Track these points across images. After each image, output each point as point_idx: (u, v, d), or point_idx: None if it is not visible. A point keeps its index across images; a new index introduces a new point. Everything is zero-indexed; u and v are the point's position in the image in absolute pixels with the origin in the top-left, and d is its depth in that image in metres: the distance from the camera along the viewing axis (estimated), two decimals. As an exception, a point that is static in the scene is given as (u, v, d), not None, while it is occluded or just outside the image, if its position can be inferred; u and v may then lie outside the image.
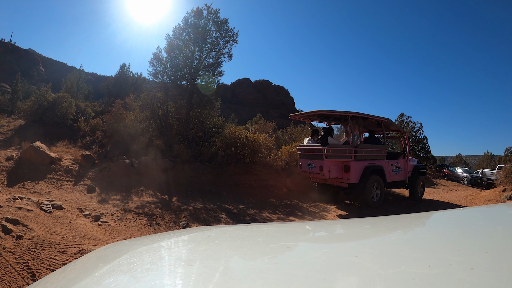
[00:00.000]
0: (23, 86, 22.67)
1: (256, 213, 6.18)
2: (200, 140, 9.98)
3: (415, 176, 8.38)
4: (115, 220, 4.90)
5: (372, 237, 0.96)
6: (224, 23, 10.07)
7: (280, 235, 0.95)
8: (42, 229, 3.79)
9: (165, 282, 0.56)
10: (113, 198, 5.98)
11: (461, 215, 1.21)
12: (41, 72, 51.03)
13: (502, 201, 9.69)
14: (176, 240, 0.85)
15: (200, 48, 10.00)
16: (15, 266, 2.96)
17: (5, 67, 40.57)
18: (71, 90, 18.48)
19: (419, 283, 0.49)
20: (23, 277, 2.85)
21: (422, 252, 0.69)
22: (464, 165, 36.75)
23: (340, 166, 6.77)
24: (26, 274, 2.90)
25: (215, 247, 0.79)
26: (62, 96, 13.62)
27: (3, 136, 11.18)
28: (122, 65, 19.49)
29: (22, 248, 3.24)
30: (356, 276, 0.56)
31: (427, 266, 0.57)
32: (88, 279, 0.60)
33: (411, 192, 8.54)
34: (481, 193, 11.83)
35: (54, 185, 6.32)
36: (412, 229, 1.04)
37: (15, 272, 2.89)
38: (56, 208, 4.73)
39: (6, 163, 6.88)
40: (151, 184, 7.02)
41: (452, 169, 21.27)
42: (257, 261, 0.68)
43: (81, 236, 3.86)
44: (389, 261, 0.63)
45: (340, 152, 6.68)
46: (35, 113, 12.75)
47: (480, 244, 0.74)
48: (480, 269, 0.55)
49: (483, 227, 0.98)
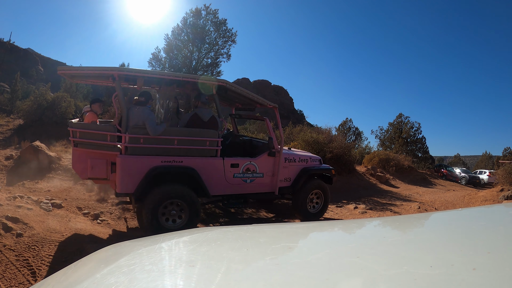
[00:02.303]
0: (22, 85, 22.69)
1: (254, 212, 6.25)
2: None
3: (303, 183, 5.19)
4: (114, 219, 4.96)
5: (374, 237, 0.96)
6: (222, 23, 10.14)
7: (282, 236, 0.95)
8: (42, 227, 3.85)
9: (166, 283, 0.56)
10: (111, 197, 6.03)
11: (463, 215, 1.20)
12: (40, 71, 50.99)
13: (500, 201, 9.77)
14: (177, 241, 0.85)
15: (199, 48, 10.08)
16: (16, 263, 3.02)
17: (4, 67, 40.56)
18: (70, 89, 18.54)
19: (421, 284, 0.49)
20: (24, 273, 2.91)
21: (424, 253, 0.68)
22: (463, 165, 36.93)
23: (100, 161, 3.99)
24: (26, 270, 2.96)
25: (216, 248, 0.79)
26: (61, 96, 13.69)
27: (3, 136, 11.23)
28: (121, 65, 19.56)
29: (22, 245, 3.30)
30: (358, 276, 0.56)
31: (429, 266, 0.56)
32: (89, 280, 0.60)
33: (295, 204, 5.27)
34: (478, 193, 11.89)
35: (53, 184, 6.38)
36: (413, 229, 1.04)
37: (15, 269, 2.95)
38: (56, 207, 4.79)
39: (5, 162, 6.93)
40: (150, 184, 7.08)
41: (451, 169, 21.36)
42: (259, 262, 0.68)
43: (81, 234, 3.93)
44: (391, 262, 0.63)
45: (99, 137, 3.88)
46: (34, 112, 12.81)
47: (482, 244, 0.73)
48: (483, 269, 0.54)
49: (485, 227, 0.97)
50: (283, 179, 5.04)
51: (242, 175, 4.60)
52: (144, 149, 3.94)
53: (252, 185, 4.73)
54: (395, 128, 25.46)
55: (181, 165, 4.08)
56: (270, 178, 4.89)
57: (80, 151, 3.99)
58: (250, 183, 4.70)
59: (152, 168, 3.89)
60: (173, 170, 4.05)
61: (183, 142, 4.09)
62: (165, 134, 3.98)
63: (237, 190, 4.61)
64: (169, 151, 4.05)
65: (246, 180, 4.66)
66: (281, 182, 4.98)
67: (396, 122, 25.80)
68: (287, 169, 5.07)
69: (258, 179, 4.76)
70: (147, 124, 3.84)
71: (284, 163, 5.00)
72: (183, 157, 4.10)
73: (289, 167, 5.10)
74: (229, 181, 4.47)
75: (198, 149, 4.19)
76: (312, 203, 5.40)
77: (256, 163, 4.71)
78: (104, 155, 3.99)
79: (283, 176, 5.02)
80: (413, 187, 13.14)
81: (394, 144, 24.14)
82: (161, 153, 4.01)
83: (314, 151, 10.40)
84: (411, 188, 12.46)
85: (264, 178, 4.82)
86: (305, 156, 5.43)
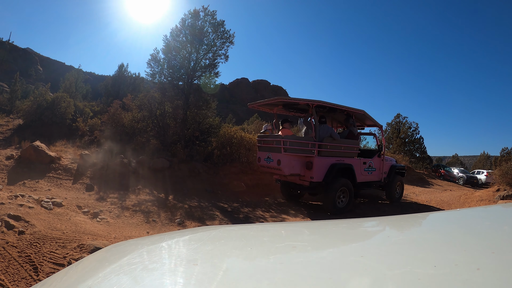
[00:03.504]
0: (22, 85, 22.74)
1: (250, 211, 6.37)
2: (197, 140, 10.15)
3: (392, 177, 7.88)
4: (113, 217, 5.07)
5: (378, 237, 0.96)
6: (220, 24, 10.24)
7: (286, 235, 0.95)
8: (43, 225, 3.96)
9: (169, 281, 0.55)
10: (111, 196, 6.15)
11: (467, 215, 1.20)
12: (39, 71, 50.99)
13: (495, 201, 9.87)
14: (179, 240, 0.85)
15: (197, 49, 10.17)
16: (18, 259, 3.13)
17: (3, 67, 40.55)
18: (70, 89, 18.61)
19: (425, 284, 0.49)
20: (26, 269, 3.03)
21: (428, 252, 0.68)
22: (461, 165, 37.02)
23: (302, 162, 6.08)
24: (28, 266, 3.07)
25: (220, 246, 0.79)
26: (60, 96, 13.77)
27: (2, 136, 11.32)
28: (120, 65, 19.68)
29: (24, 242, 3.41)
30: (361, 276, 0.56)
31: (433, 266, 0.56)
32: (92, 279, 0.60)
33: (388, 193, 8.09)
34: (474, 193, 11.94)
35: (53, 183, 6.48)
36: (417, 229, 1.03)
37: (18, 265, 3.06)
38: (56, 206, 4.90)
39: (6, 162, 7.04)
40: (148, 183, 7.20)
41: (448, 170, 21.47)
42: (262, 261, 0.68)
43: (81, 231, 4.04)
44: (395, 261, 0.63)
45: (301, 146, 5.97)
46: (34, 112, 12.89)
47: (487, 244, 0.72)
48: (487, 269, 0.54)
49: (489, 227, 0.97)
50: (383, 172, 7.67)
51: (367, 169, 7.15)
52: (327, 152, 6.18)
53: (371, 175, 7.31)
54: (393, 128, 25.59)
55: (345, 163, 6.44)
56: (379, 171, 7.50)
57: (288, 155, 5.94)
58: (370, 174, 7.26)
59: (332, 165, 6.19)
60: (342, 166, 6.36)
61: (346, 148, 6.56)
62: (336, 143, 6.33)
63: (365, 178, 7.12)
64: (338, 154, 6.38)
65: (369, 172, 7.20)
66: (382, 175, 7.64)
67: (394, 122, 25.92)
68: (385, 166, 7.79)
69: (374, 172, 7.35)
70: (333, 135, 6.30)
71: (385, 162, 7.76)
72: (344, 158, 6.48)
73: (385, 165, 7.79)
74: (362, 173, 6.96)
75: (351, 153, 6.70)
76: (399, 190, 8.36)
77: (372, 162, 7.32)
78: (301, 157, 6.08)
79: (384, 170, 7.70)
80: (410, 187, 13.25)
81: (392, 144, 24.25)
82: (334, 155, 6.30)
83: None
84: (408, 188, 12.58)
85: (377, 171, 7.44)
86: (390, 158, 8.48)
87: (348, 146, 6.57)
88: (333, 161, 6.21)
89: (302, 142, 6.04)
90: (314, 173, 5.92)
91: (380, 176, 7.52)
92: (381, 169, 7.51)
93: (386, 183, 7.81)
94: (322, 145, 6.06)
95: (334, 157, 6.26)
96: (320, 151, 6.04)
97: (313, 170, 5.92)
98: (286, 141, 5.81)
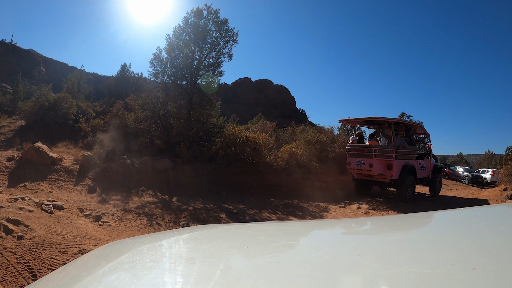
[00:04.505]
0: (24, 86, 22.74)
1: (256, 213, 6.20)
2: (201, 140, 10.00)
3: (434, 174, 9.78)
4: (116, 220, 4.92)
5: (374, 236, 0.96)
6: (224, 23, 10.09)
7: (283, 234, 0.95)
8: (43, 229, 3.82)
9: (167, 280, 0.55)
10: (113, 198, 6.00)
11: (463, 215, 1.20)
12: (42, 72, 51.12)
13: (503, 200, 9.67)
14: (178, 239, 0.85)
15: (200, 48, 10.02)
16: (17, 266, 2.99)
17: (6, 68, 40.70)
18: (72, 90, 18.55)
19: (421, 283, 0.49)
20: (24, 276, 2.88)
21: (424, 252, 0.69)
22: (465, 164, 36.64)
23: (384, 164, 7.90)
24: (27, 273, 2.92)
25: (217, 245, 0.79)
26: (63, 97, 13.68)
27: (4, 137, 11.23)
28: (122, 65, 19.57)
29: (23, 248, 3.27)
30: (358, 275, 0.56)
31: (429, 266, 0.56)
32: (90, 277, 0.60)
33: (431, 188, 9.95)
34: (481, 192, 11.79)
35: (55, 185, 6.35)
36: (414, 228, 1.04)
37: (16, 272, 2.92)
38: (57, 209, 4.76)
39: (7, 164, 6.91)
40: (152, 184, 7.05)
41: (453, 168, 21.23)
42: (259, 260, 0.68)
43: (82, 236, 3.89)
44: (391, 261, 0.63)
45: (386, 152, 7.86)
46: (36, 113, 12.81)
47: (483, 244, 0.73)
48: (483, 269, 0.54)
49: (486, 227, 0.98)
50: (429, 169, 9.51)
51: (421, 168, 8.97)
52: (401, 156, 7.99)
53: (423, 173, 9.14)
54: (397, 127, 25.30)
55: (411, 164, 8.31)
56: (427, 169, 9.40)
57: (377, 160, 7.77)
58: (423, 172, 9.11)
59: (403, 165, 8.01)
60: (409, 166, 8.19)
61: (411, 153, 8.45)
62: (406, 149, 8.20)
63: (421, 175, 8.96)
64: (406, 157, 8.21)
65: (422, 170, 9.03)
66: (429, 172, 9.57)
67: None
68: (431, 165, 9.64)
69: (425, 170, 9.20)
70: (404, 144, 8.21)
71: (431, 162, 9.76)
72: (409, 160, 8.32)
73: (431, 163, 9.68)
74: (419, 171, 8.78)
75: (413, 156, 8.61)
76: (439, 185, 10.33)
77: (423, 162, 9.14)
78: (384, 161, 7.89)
79: (430, 168, 9.55)
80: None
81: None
82: (404, 158, 8.10)
83: (317, 151, 10.34)
84: (414, 188, 12.37)
85: (426, 169, 9.29)
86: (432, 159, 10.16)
87: (411, 151, 8.54)
88: (404, 163, 8.05)
89: (386, 149, 7.93)
90: (394, 172, 7.78)
91: (428, 173, 9.46)
92: (429, 168, 9.50)
93: (431, 180, 9.78)
94: (398, 151, 7.92)
95: (404, 160, 8.11)
96: (397, 156, 7.87)
97: (393, 170, 7.77)
98: (376, 149, 7.76)
